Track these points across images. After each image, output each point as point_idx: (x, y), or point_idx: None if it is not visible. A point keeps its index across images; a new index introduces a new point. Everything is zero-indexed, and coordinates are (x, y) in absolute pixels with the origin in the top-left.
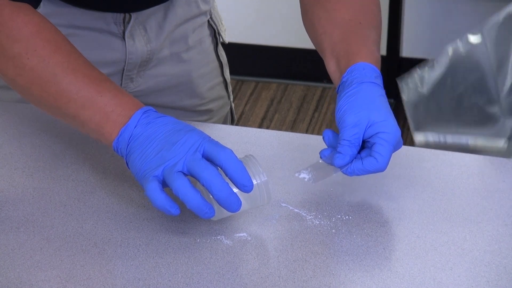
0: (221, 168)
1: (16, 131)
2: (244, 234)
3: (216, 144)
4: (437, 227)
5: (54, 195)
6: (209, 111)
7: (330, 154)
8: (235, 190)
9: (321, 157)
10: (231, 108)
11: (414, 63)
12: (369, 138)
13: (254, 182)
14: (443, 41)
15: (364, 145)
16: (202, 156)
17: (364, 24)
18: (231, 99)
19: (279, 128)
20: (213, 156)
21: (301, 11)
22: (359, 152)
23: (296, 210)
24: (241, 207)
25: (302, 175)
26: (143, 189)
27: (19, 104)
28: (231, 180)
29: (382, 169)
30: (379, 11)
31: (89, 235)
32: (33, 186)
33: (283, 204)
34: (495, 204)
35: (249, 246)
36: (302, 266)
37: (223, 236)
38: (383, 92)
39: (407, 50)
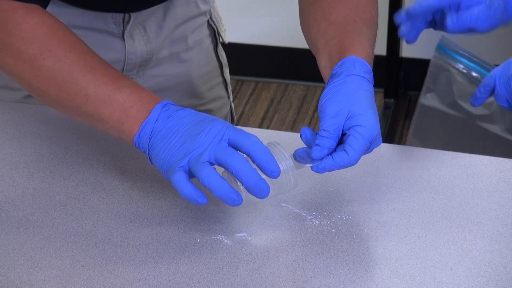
0: (248, 155)
1: (16, 131)
2: (244, 234)
3: (241, 131)
4: (437, 227)
5: (54, 195)
6: (208, 111)
7: (303, 152)
8: (263, 176)
9: (293, 155)
10: (231, 108)
11: (414, 63)
12: (347, 130)
13: (281, 167)
14: None
15: (341, 140)
16: (228, 144)
17: (358, 22)
18: (231, 99)
19: (279, 128)
20: (239, 144)
21: (299, 12)
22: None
23: (296, 210)
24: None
25: None
26: (169, 181)
27: (19, 104)
28: (258, 167)
29: (352, 163)
30: (376, 11)
31: (89, 235)
32: (33, 186)
33: (283, 204)
34: (495, 204)
35: (249, 246)
36: (302, 266)
37: (223, 236)
38: (370, 87)
39: (407, 50)
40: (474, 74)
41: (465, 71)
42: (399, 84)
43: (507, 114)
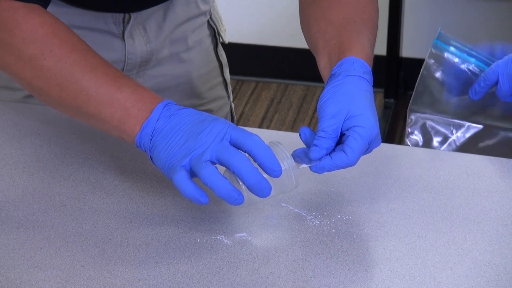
0: (250, 154)
1: (16, 131)
2: (244, 234)
3: (243, 130)
4: (437, 227)
5: (54, 195)
6: (209, 111)
7: (301, 152)
8: (264, 175)
9: (292, 155)
10: (231, 108)
11: (414, 63)
12: (346, 131)
13: (283, 167)
14: None
15: (341, 140)
16: (230, 144)
17: (358, 23)
18: (231, 99)
19: (279, 128)
20: (240, 143)
21: (299, 12)
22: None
23: (296, 210)
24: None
25: None
26: (170, 181)
27: (19, 104)
28: (260, 166)
29: (351, 164)
30: (376, 12)
31: (89, 235)
32: (33, 186)
33: (283, 204)
34: (495, 204)
35: (249, 246)
36: (302, 266)
37: (223, 236)
38: (369, 87)
39: (407, 50)
40: (471, 67)
41: (462, 65)
42: (399, 84)
43: (498, 104)
